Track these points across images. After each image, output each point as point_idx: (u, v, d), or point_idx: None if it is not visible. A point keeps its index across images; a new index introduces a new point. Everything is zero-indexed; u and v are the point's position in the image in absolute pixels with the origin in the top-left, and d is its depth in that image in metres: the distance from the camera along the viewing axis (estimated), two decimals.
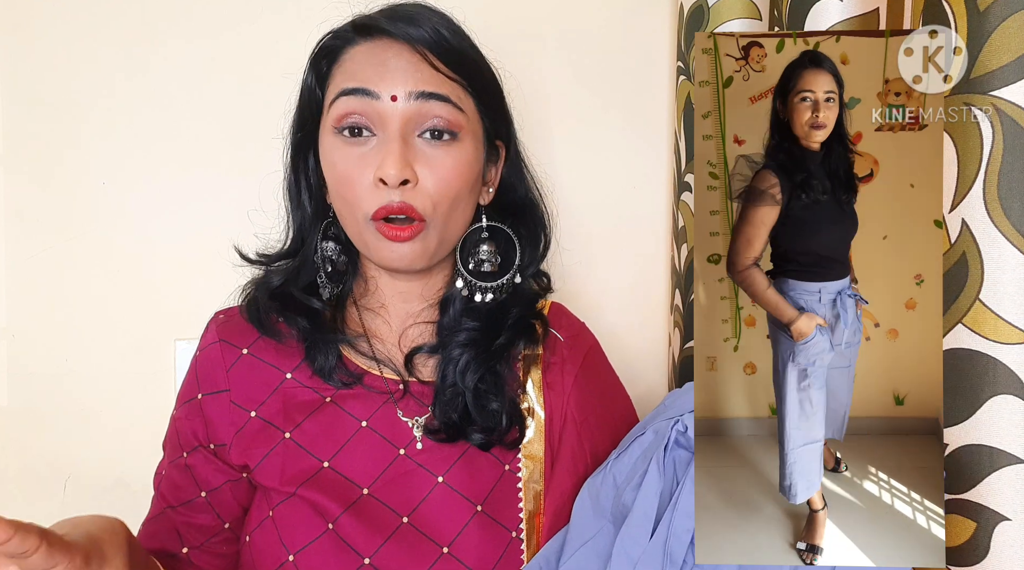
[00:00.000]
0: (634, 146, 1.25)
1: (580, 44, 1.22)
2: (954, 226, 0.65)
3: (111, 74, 1.12)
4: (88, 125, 1.12)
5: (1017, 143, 0.62)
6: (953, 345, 0.65)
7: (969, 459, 0.64)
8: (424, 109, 0.73)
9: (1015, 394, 0.62)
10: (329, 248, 0.83)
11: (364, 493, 0.77)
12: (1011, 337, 0.62)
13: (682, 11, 1.12)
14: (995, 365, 0.63)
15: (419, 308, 0.84)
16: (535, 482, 0.80)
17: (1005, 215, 0.62)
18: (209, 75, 1.13)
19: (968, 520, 0.65)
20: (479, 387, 0.79)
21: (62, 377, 1.13)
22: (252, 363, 0.81)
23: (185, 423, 0.82)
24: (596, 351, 0.91)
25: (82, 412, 1.14)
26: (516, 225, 0.85)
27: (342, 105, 0.74)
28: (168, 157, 1.14)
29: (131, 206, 1.13)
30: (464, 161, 0.76)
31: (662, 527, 0.66)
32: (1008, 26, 0.62)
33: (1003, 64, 0.62)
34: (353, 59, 0.76)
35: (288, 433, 0.79)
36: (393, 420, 0.80)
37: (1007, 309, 0.63)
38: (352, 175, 0.74)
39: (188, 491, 0.82)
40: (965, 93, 0.64)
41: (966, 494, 0.65)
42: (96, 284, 1.13)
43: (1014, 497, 0.62)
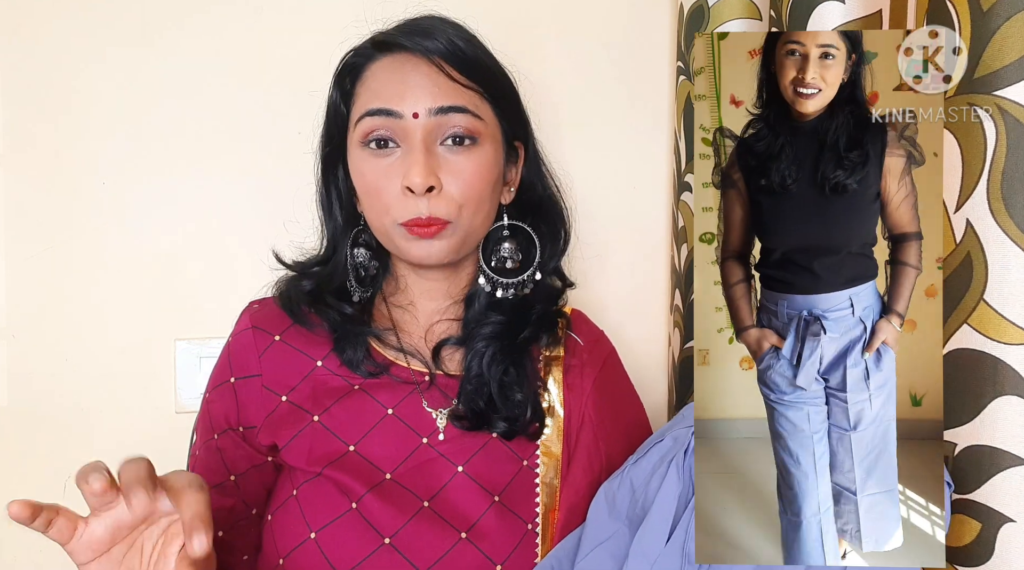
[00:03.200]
0: (634, 146, 1.25)
1: (580, 44, 1.22)
2: (958, 227, 0.65)
3: (111, 74, 1.12)
4: (88, 125, 1.12)
5: (1021, 143, 0.62)
6: (958, 346, 0.65)
7: (974, 460, 0.64)
8: (444, 121, 0.78)
9: (1020, 395, 0.62)
10: (360, 254, 0.87)
11: (387, 477, 0.79)
12: (1016, 337, 0.62)
13: (682, 11, 1.12)
14: (1000, 366, 0.63)
15: (445, 305, 0.87)
16: (552, 479, 0.82)
17: (1009, 215, 0.62)
18: (210, 75, 1.13)
19: (973, 521, 0.65)
20: (504, 379, 0.82)
21: (62, 377, 1.13)
22: (284, 349, 0.85)
23: (217, 405, 0.85)
24: (614, 358, 0.94)
25: (82, 412, 1.14)
26: (536, 223, 0.89)
27: (367, 124, 0.79)
28: (168, 157, 1.14)
29: (131, 206, 1.13)
30: (484, 164, 0.80)
31: (679, 530, 0.63)
32: (1012, 26, 0.62)
33: (1007, 64, 0.62)
34: (375, 76, 0.80)
35: (317, 416, 0.82)
36: (418, 410, 0.83)
37: (1012, 309, 0.62)
38: (380, 185, 0.79)
39: (218, 474, 0.84)
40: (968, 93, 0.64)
41: (971, 495, 0.64)
42: (96, 284, 1.13)
43: (1019, 498, 0.62)
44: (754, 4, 1.03)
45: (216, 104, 1.14)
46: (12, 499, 0.61)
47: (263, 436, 0.83)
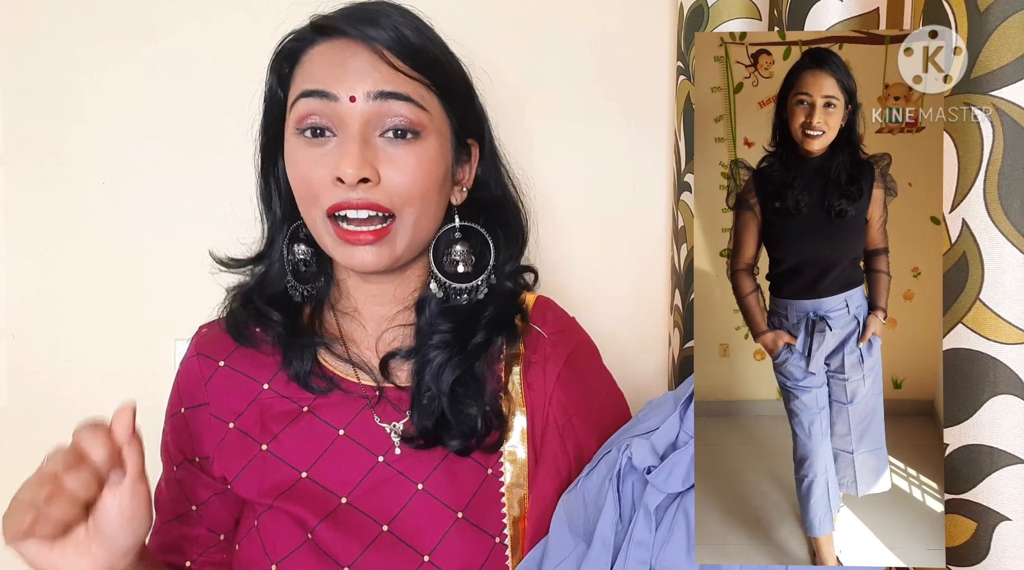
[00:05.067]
0: (634, 146, 1.25)
1: (579, 43, 1.22)
2: (954, 226, 0.65)
3: (111, 74, 1.12)
4: (88, 125, 1.12)
5: (1017, 143, 0.62)
6: (954, 345, 0.65)
7: (969, 459, 0.64)
8: (384, 108, 0.73)
9: (1015, 394, 0.62)
10: (300, 250, 0.82)
11: (343, 502, 0.76)
12: (1011, 337, 0.62)
13: (682, 11, 1.12)
14: (996, 365, 0.63)
15: (394, 311, 0.82)
16: (519, 486, 0.78)
17: (1006, 215, 0.62)
18: (210, 75, 1.13)
19: (968, 520, 0.65)
20: (456, 390, 0.77)
21: (62, 377, 1.13)
22: (229, 375, 0.81)
23: (171, 436, 0.83)
24: (583, 348, 0.87)
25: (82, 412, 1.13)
26: (492, 225, 0.84)
27: (302, 107, 0.74)
28: (168, 157, 1.13)
29: (131, 206, 1.13)
30: (428, 159, 0.75)
31: (620, 559, 0.65)
32: (1008, 26, 0.62)
33: (1003, 64, 0.62)
34: (312, 60, 0.76)
35: (265, 445, 0.78)
36: (371, 427, 0.79)
37: (1007, 309, 0.62)
38: (311, 174, 0.74)
39: (181, 504, 0.83)
40: (965, 93, 0.64)
41: (966, 494, 0.65)
42: (95, 284, 1.13)
43: (1015, 497, 0.62)
44: (754, 4, 1.03)
45: (217, 104, 1.14)
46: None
47: (216, 467, 0.80)
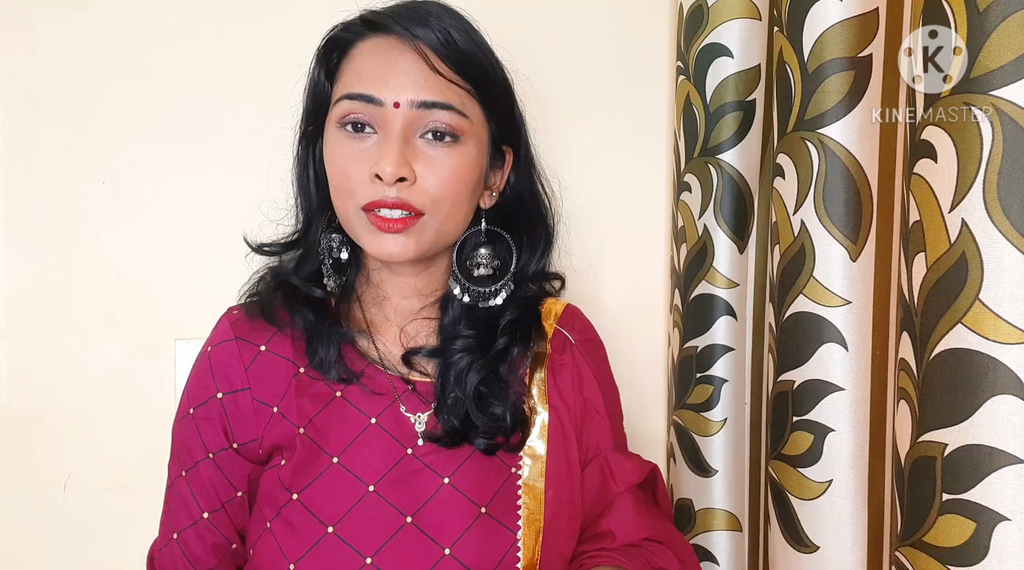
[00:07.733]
0: (634, 146, 1.25)
1: (578, 43, 1.22)
2: (954, 226, 0.65)
3: (111, 74, 1.12)
4: (88, 125, 1.12)
5: (1017, 143, 0.62)
6: (952, 345, 0.65)
7: (968, 459, 0.64)
8: (426, 115, 0.75)
9: (1015, 394, 0.62)
10: (334, 239, 0.83)
11: (370, 490, 0.77)
12: (1011, 337, 0.62)
13: (682, 11, 1.12)
14: (995, 365, 0.63)
15: (419, 305, 0.84)
16: (535, 481, 0.80)
17: (1005, 215, 0.62)
18: (210, 74, 1.13)
19: (968, 520, 0.64)
20: (480, 391, 0.80)
21: (62, 377, 1.13)
22: (271, 359, 0.81)
23: (204, 425, 0.81)
24: (605, 359, 0.92)
25: (82, 412, 1.14)
26: (518, 231, 0.85)
27: (346, 106, 0.76)
28: (168, 157, 1.14)
29: (131, 206, 1.13)
30: (464, 163, 0.76)
31: None
32: (1008, 26, 0.62)
33: (1003, 64, 0.62)
34: (361, 56, 0.77)
35: (302, 428, 0.79)
36: (399, 417, 0.80)
37: (1007, 309, 0.62)
38: (350, 168, 0.75)
39: (226, 491, 0.81)
40: (965, 93, 0.64)
41: (965, 494, 0.64)
42: (96, 284, 1.13)
43: (1014, 497, 0.62)
44: (753, 4, 1.03)
45: (217, 104, 1.14)
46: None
47: (264, 448, 0.80)
